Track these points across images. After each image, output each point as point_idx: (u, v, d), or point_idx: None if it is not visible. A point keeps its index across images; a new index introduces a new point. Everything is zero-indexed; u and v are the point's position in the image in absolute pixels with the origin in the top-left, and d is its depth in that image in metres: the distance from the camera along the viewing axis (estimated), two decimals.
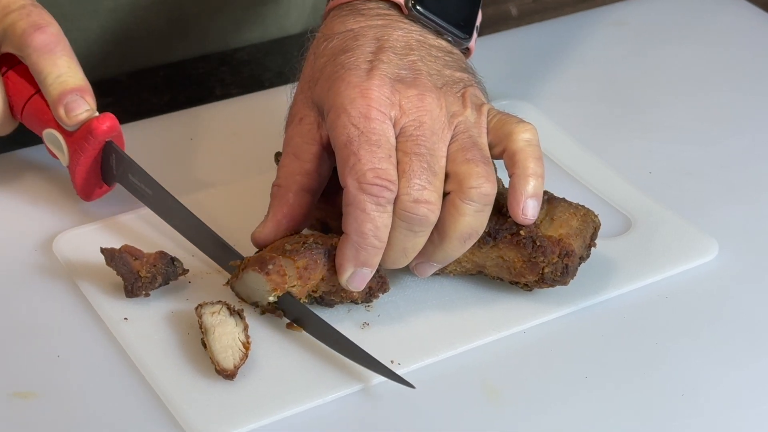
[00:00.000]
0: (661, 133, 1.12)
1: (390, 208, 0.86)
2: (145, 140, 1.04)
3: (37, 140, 1.08)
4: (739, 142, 1.11)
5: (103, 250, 0.90)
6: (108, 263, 0.90)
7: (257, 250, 0.91)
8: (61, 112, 0.95)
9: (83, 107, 0.95)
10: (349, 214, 0.86)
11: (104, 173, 0.98)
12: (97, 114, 0.96)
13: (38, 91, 0.97)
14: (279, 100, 1.13)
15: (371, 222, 0.85)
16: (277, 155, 0.99)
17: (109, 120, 0.96)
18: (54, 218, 0.99)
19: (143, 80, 1.19)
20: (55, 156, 0.99)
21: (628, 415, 0.85)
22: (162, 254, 0.91)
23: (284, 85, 1.17)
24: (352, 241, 0.86)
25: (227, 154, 1.06)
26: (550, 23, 1.29)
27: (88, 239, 0.96)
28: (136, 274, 0.90)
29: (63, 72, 0.95)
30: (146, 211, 0.99)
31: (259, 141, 1.07)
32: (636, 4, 1.30)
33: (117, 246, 0.91)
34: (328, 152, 0.90)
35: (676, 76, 1.20)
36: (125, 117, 1.02)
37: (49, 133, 0.97)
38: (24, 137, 1.10)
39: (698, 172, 1.07)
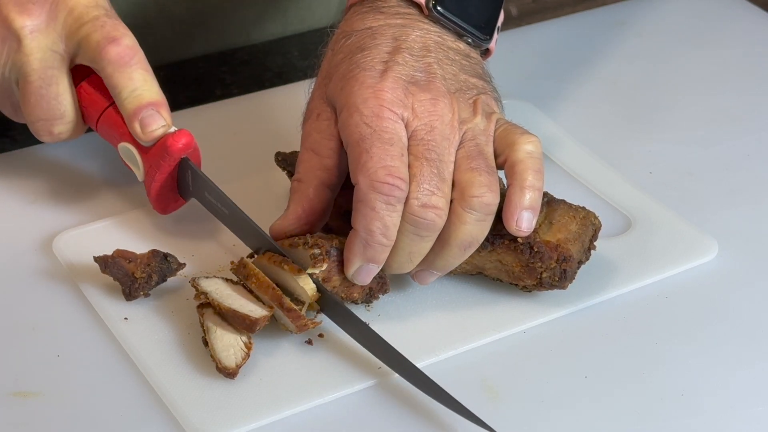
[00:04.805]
0: (661, 133, 1.12)
1: (400, 207, 0.86)
2: None
3: (37, 140, 1.08)
4: (740, 142, 1.11)
5: (96, 259, 0.90)
6: (103, 271, 0.90)
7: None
8: (137, 127, 0.93)
9: (159, 122, 0.93)
10: (358, 210, 0.86)
11: (180, 187, 0.96)
12: (173, 129, 0.94)
13: (112, 103, 0.95)
14: (279, 100, 1.14)
15: (380, 220, 0.85)
16: (278, 155, 0.99)
17: (185, 137, 0.93)
18: (54, 218, 0.99)
19: None
20: (129, 167, 0.97)
21: (627, 414, 0.85)
22: (155, 252, 0.91)
23: (284, 85, 1.17)
24: (360, 238, 0.86)
25: (227, 154, 1.06)
26: (549, 23, 1.29)
27: (87, 239, 0.96)
28: (131, 277, 0.90)
29: (138, 86, 0.94)
30: (147, 211, 0.99)
31: (259, 141, 1.07)
32: (636, 5, 1.30)
33: (110, 250, 0.91)
34: (345, 148, 0.90)
35: (677, 77, 1.20)
36: None
37: (125, 147, 0.95)
38: (23, 137, 1.10)
39: (698, 173, 1.07)
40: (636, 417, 0.85)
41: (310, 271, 0.87)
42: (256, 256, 0.90)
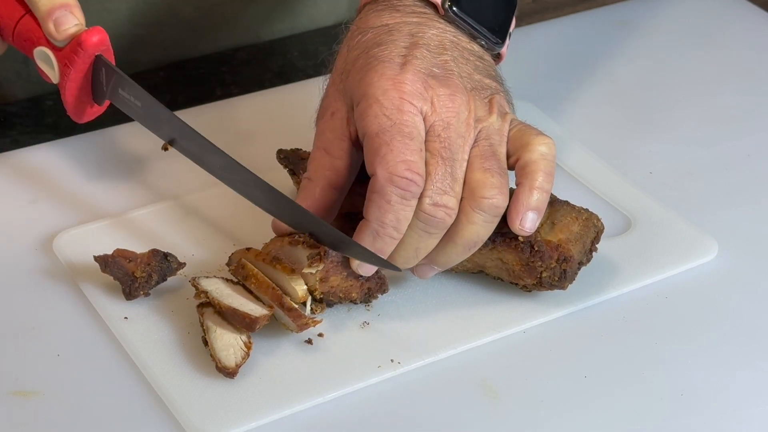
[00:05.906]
0: (662, 133, 1.12)
1: (414, 202, 0.86)
2: (146, 140, 1.04)
3: (37, 140, 1.08)
4: (740, 142, 1.11)
5: (96, 258, 0.90)
6: (103, 270, 0.90)
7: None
8: (51, 27, 0.96)
9: (72, 21, 0.96)
10: (373, 201, 0.86)
11: (95, 91, 0.99)
12: (86, 28, 0.97)
13: (27, 12, 0.98)
14: (279, 100, 1.14)
15: (393, 213, 0.86)
16: (279, 152, 0.99)
17: (98, 33, 0.96)
18: (54, 218, 0.99)
19: (143, 80, 1.19)
20: (46, 77, 0.99)
21: (627, 414, 0.85)
22: (155, 252, 0.91)
23: (284, 85, 1.17)
24: (371, 228, 0.86)
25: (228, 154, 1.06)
26: (549, 23, 1.29)
27: (88, 239, 0.96)
28: (131, 276, 0.90)
29: None
30: (147, 210, 0.99)
31: (259, 141, 1.07)
32: (636, 5, 1.30)
33: (110, 250, 0.91)
34: (357, 148, 0.90)
35: (677, 77, 1.20)
36: (126, 117, 1.02)
37: (40, 51, 0.98)
38: (24, 137, 1.10)
39: (699, 173, 1.07)
40: (635, 416, 0.85)
41: (306, 270, 0.87)
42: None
